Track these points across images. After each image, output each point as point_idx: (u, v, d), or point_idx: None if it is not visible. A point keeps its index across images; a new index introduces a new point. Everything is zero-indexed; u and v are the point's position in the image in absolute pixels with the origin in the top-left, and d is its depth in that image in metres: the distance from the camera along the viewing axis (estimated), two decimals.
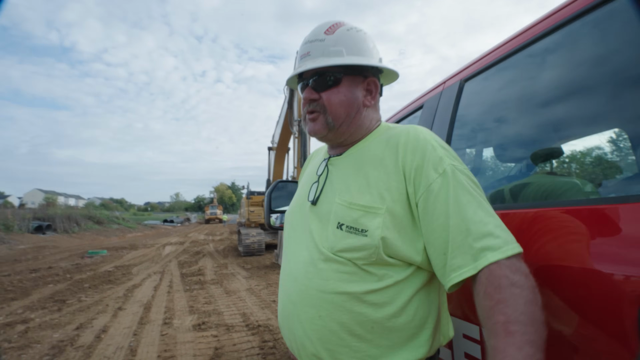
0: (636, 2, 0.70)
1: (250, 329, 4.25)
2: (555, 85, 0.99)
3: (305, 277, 0.87)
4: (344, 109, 0.91)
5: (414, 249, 0.81)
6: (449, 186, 0.77)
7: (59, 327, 4.47)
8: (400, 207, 0.81)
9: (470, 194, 0.76)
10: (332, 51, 0.90)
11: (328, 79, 0.90)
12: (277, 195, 1.77)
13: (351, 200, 0.85)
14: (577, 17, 0.87)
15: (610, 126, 0.98)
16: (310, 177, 1.03)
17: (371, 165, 0.87)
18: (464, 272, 0.72)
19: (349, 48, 0.90)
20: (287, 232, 1.03)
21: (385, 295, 0.80)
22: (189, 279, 7.66)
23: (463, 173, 0.79)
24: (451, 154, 0.83)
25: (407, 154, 0.83)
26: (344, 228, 0.83)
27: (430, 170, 0.80)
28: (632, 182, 0.93)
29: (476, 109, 1.28)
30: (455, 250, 0.74)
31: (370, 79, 0.95)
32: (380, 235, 0.79)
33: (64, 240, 18.68)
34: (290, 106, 9.02)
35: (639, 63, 0.76)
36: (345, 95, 0.91)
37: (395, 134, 0.89)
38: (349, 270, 0.82)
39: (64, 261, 10.80)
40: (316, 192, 0.94)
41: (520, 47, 1.05)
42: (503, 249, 0.70)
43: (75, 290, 6.65)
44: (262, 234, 11.55)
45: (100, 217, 28.74)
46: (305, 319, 0.85)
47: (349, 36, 0.92)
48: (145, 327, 4.46)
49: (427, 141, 0.83)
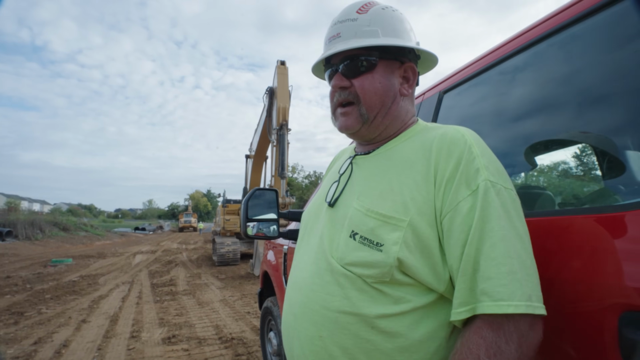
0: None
1: (223, 342, 4.11)
2: (530, 100, 1.02)
3: (310, 289, 0.76)
4: (379, 98, 0.80)
5: (437, 276, 0.67)
6: (477, 208, 0.63)
7: (15, 341, 4.16)
8: (425, 224, 0.68)
9: (498, 221, 0.62)
10: (366, 31, 0.78)
11: (361, 64, 0.79)
12: (254, 203, 1.73)
13: (370, 206, 0.73)
14: (544, 37, 0.92)
15: (576, 141, 1.01)
16: (333, 176, 0.92)
17: (399, 169, 0.75)
18: (461, 312, 0.62)
19: (384, 28, 0.79)
20: (301, 234, 0.93)
21: (401, 323, 0.67)
22: (160, 290, 7.37)
23: (500, 194, 0.65)
24: (494, 167, 0.68)
25: (441, 160, 0.70)
26: (357, 238, 0.72)
27: (462, 184, 0.66)
28: (600, 195, 0.96)
29: (455, 120, 1.30)
30: (462, 283, 0.63)
31: (408, 65, 0.83)
32: (397, 255, 0.67)
33: (26, 248, 17.61)
34: (269, 114, 8.99)
35: (602, 82, 0.81)
36: (381, 82, 0.79)
37: (432, 135, 0.76)
38: (359, 288, 0.70)
39: (24, 270, 10.17)
40: (335, 193, 0.84)
41: (497, 62, 1.08)
42: (501, 303, 0.58)
43: (35, 301, 6.26)
44: (237, 243, 11.34)
45: (67, 224, 27.34)
46: (304, 336, 0.75)
47: (385, 15, 0.80)
48: (110, 341, 4.23)
49: (465, 146, 0.69)
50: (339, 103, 0.83)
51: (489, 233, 0.62)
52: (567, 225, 0.75)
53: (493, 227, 0.62)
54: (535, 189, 1.11)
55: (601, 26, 0.78)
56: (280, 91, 8.19)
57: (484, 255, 0.61)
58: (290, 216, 2.15)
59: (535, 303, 0.59)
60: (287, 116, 8.11)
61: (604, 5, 0.76)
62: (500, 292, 0.58)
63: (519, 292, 0.58)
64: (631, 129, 0.78)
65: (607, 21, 0.77)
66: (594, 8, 0.79)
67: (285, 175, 8.01)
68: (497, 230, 0.62)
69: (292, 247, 2.17)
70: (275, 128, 8.33)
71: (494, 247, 0.61)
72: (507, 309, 0.57)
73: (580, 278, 0.68)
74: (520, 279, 0.59)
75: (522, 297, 0.58)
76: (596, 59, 0.82)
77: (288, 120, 8.12)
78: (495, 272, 0.59)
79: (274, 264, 2.57)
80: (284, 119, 8.04)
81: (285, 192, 7.98)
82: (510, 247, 0.61)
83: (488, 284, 0.59)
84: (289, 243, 2.23)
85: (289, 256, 2.20)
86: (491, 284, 0.59)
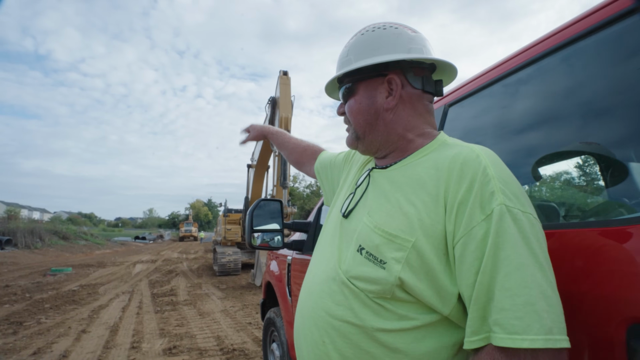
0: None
1: (224, 353, 4.07)
2: (534, 113, 1.04)
3: (319, 295, 0.78)
4: (362, 117, 0.85)
5: (441, 299, 0.66)
6: (491, 234, 0.60)
7: (14, 352, 4.12)
8: (431, 247, 0.66)
9: (514, 249, 0.59)
10: (345, 61, 0.86)
11: (345, 91, 0.88)
12: (259, 213, 1.74)
13: (377, 223, 0.73)
14: (550, 52, 0.94)
15: (580, 154, 1.03)
16: (351, 186, 0.94)
17: (410, 188, 0.74)
18: (473, 341, 0.60)
19: (358, 53, 0.83)
20: (319, 239, 0.96)
21: (402, 339, 0.67)
22: (160, 300, 7.31)
23: (518, 218, 0.61)
24: (510, 189, 0.64)
25: (452, 181, 0.67)
26: (364, 253, 0.72)
27: (476, 209, 0.63)
28: (605, 207, 0.97)
29: (460, 133, 1.32)
30: (474, 312, 0.61)
31: (390, 77, 0.81)
32: (399, 275, 0.66)
33: (25, 257, 17.54)
34: (271, 124, 9.05)
35: (607, 95, 0.83)
36: (360, 102, 0.84)
37: (447, 154, 0.73)
38: (362, 301, 0.71)
39: (24, 279, 10.11)
40: (349, 205, 0.86)
41: (502, 76, 1.11)
42: (516, 337, 0.55)
43: (35, 311, 6.22)
44: (238, 253, 11.28)
45: (67, 233, 27.27)
46: (310, 340, 0.78)
47: (362, 40, 0.84)
48: (110, 351, 4.18)
49: (480, 167, 0.66)
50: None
51: (504, 261, 0.59)
52: (573, 238, 0.76)
53: (509, 255, 0.59)
54: (540, 201, 1.12)
55: (605, 42, 0.81)
56: (282, 101, 8.26)
57: (498, 285, 0.58)
58: (294, 227, 2.16)
59: (556, 336, 0.55)
60: (290, 126, 8.16)
61: (608, 23, 0.79)
62: (515, 325, 0.55)
63: (536, 326, 0.55)
64: (636, 141, 0.79)
65: (611, 37, 0.79)
66: (598, 25, 0.81)
67: (287, 185, 8.02)
68: (513, 258, 0.58)
69: (297, 258, 2.17)
70: None
71: (509, 277, 0.58)
72: (521, 344, 0.54)
73: (588, 291, 0.69)
74: (539, 310, 0.55)
75: (539, 331, 0.54)
76: (599, 73, 0.84)
77: (290, 130, 8.17)
78: (510, 304, 0.56)
79: (277, 274, 2.57)
80: (286, 128, 8.09)
81: (287, 202, 7.98)
82: (528, 277, 0.57)
83: (502, 315, 0.57)
84: (293, 253, 2.23)
85: (293, 267, 2.20)
86: (505, 315, 0.56)
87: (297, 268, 2.13)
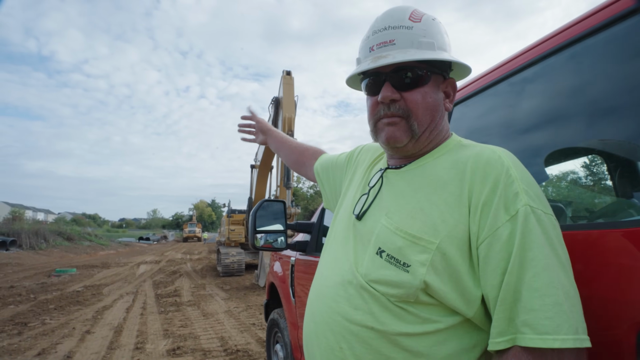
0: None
1: (228, 354, 4.07)
2: (539, 113, 1.03)
3: (333, 299, 0.75)
4: (430, 113, 0.77)
5: (465, 301, 0.65)
6: (516, 234, 0.61)
7: (18, 352, 4.15)
8: (455, 248, 0.66)
9: (541, 249, 0.59)
10: (424, 43, 0.75)
11: (414, 76, 0.75)
12: (262, 214, 1.74)
13: (398, 224, 0.71)
14: (556, 51, 0.93)
15: (587, 153, 1.02)
16: (361, 186, 0.90)
17: (431, 188, 0.73)
18: (499, 342, 0.60)
19: (438, 41, 0.77)
20: (328, 240, 0.91)
21: (424, 342, 0.66)
22: (164, 300, 7.33)
23: (541, 220, 0.62)
24: (533, 190, 0.65)
25: (476, 182, 0.67)
26: (384, 256, 0.70)
27: (501, 209, 0.63)
28: (614, 209, 0.96)
29: (464, 132, 1.31)
30: (500, 313, 0.61)
31: (450, 80, 0.82)
32: (424, 278, 0.65)
33: (30, 257, 17.66)
34: (274, 124, 9.05)
35: (612, 94, 0.82)
36: (432, 97, 0.77)
37: (466, 154, 0.73)
38: (383, 305, 0.69)
39: (28, 280, 10.18)
40: (363, 206, 0.82)
41: (506, 75, 1.09)
42: (547, 337, 0.55)
43: (39, 311, 6.26)
44: (242, 254, 11.30)
45: (71, 233, 27.41)
46: (324, 346, 0.74)
47: (438, 27, 0.79)
48: (115, 352, 4.20)
49: (503, 168, 0.66)
50: (385, 116, 0.78)
51: (531, 262, 0.59)
52: (581, 239, 0.75)
53: (536, 256, 0.59)
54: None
55: (611, 40, 0.80)
56: (286, 101, 8.26)
57: (526, 285, 0.58)
58: (298, 228, 2.15)
59: (582, 336, 0.56)
60: (293, 126, 8.16)
61: (614, 21, 0.78)
62: (546, 325, 0.56)
63: (565, 325, 0.55)
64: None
65: (617, 35, 0.78)
66: (603, 24, 0.80)
67: (290, 186, 8.02)
68: (541, 258, 0.59)
69: (300, 259, 2.17)
70: None
71: (537, 277, 0.58)
72: (552, 344, 0.55)
73: (597, 294, 0.67)
74: (567, 310, 0.56)
75: (569, 331, 0.55)
76: (605, 71, 0.83)
77: (294, 131, 8.17)
78: (540, 304, 0.57)
79: (280, 275, 2.56)
80: (290, 129, 8.09)
81: (290, 202, 7.98)
82: (554, 277, 0.58)
83: (531, 316, 0.57)
84: (297, 254, 2.23)
85: (297, 268, 2.19)
86: (535, 315, 0.56)
87: (301, 269, 2.13)
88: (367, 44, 0.80)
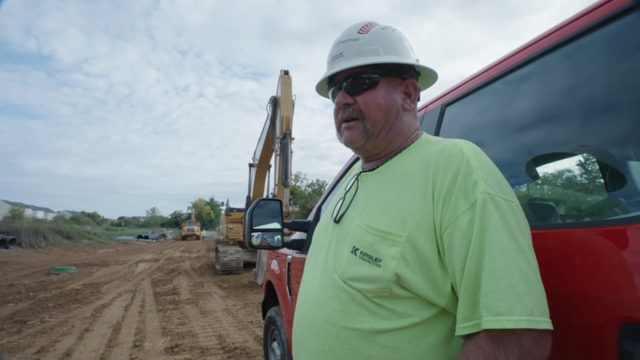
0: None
1: (226, 351, 4.10)
2: (533, 112, 1.04)
3: (315, 303, 0.79)
4: (383, 113, 0.82)
5: (437, 290, 0.68)
6: (475, 221, 0.63)
7: (18, 350, 4.16)
8: (424, 239, 0.68)
9: (497, 234, 0.61)
10: (368, 50, 0.82)
11: (364, 81, 0.82)
12: (259, 213, 1.75)
13: (369, 222, 0.75)
14: (551, 49, 0.93)
15: (577, 153, 1.03)
16: (340, 193, 0.95)
17: (398, 185, 0.77)
18: (465, 327, 0.62)
19: (385, 47, 0.83)
20: (311, 248, 0.96)
21: (402, 338, 0.68)
22: (163, 299, 7.35)
23: (500, 206, 0.64)
24: (493, 179, 0.67)
25: (438, 173, 0.70)
26: (358, 254, 0.74)
27: (461, 198, 0.66)
28: (601, 207, 0.97)
29: (457, 133, 1.32)
30: (464, 298, 0.63)
31: (409, 81, 0.86)
32: (395, 271, 0.68)
33: (29, 256, 17.65)
34: (272, 123, 9.05)
35: (606, 93, 0.83)
36: (384, 98, 0.82)
37: (432, 149, 0.77)
38: (360, 302, 0.71)
39: (28, 278, 10.18)
40: (339, 210, 0.87)
41: (499, 75, 1.10)
42: (501, 318, 0.57)
43: (38, 309, 6.27)
44: (240, 252, 11.31)
45: (70, 232, 27.38)
46: (309, 349, 0.78)
47: (385, 35, 0.84)
48: (113, 350, 4.22)
49: (463, 159, 0.69)
50: (343, 119, 0.86)
51: (488, 246, 0.61)
52: (567, 238, 0.76)
53: (492, 241, 0.61)
54: (537, 200, 1.12)
55: (606, 39, 0.80)
56: (283, 100, 8.26)
57: (484, 269, 0.60)
58: (294, 226, 2.16)
59: (538, 317, 0.57)
60: (291, 125, 8.17)
61: (608, 20, 0.78)
62: (500, 306, 0.57)
63: (519, 307, 0.57)
64: (634, 140, 0.79)
65: (611, 34, 0.79)
66: (598, 22, 0.80)
67: (288, 184, 8.03)
68: (496, 243, 0.61)
69: (296, 257, 2.18)
70: (279, 137, 8.39)
71: (493, 261, 0.60)
72: (506, 324, 0.56)
73: (580, 290, 0.69)
74: (521, 292, 0.58)
75: (522, 312, 0.57)
76: (599, 71, 0.83)
77: (291, 130, 8.17)
78: (494, 286, 0.59)
79: (277, 273, 2.58)
80: (288, 128, 8.10)
81: (288, 200, 7.99)
82: (510, 260, 0.60)
83: (488, 298, 0.59)
84: (293, 253, 2.24)
85: (293, 266, 2.21)
86: (490, 298, 0.58)
87: (297, 267, 2.14)
88: (328, 57, 0.90)
